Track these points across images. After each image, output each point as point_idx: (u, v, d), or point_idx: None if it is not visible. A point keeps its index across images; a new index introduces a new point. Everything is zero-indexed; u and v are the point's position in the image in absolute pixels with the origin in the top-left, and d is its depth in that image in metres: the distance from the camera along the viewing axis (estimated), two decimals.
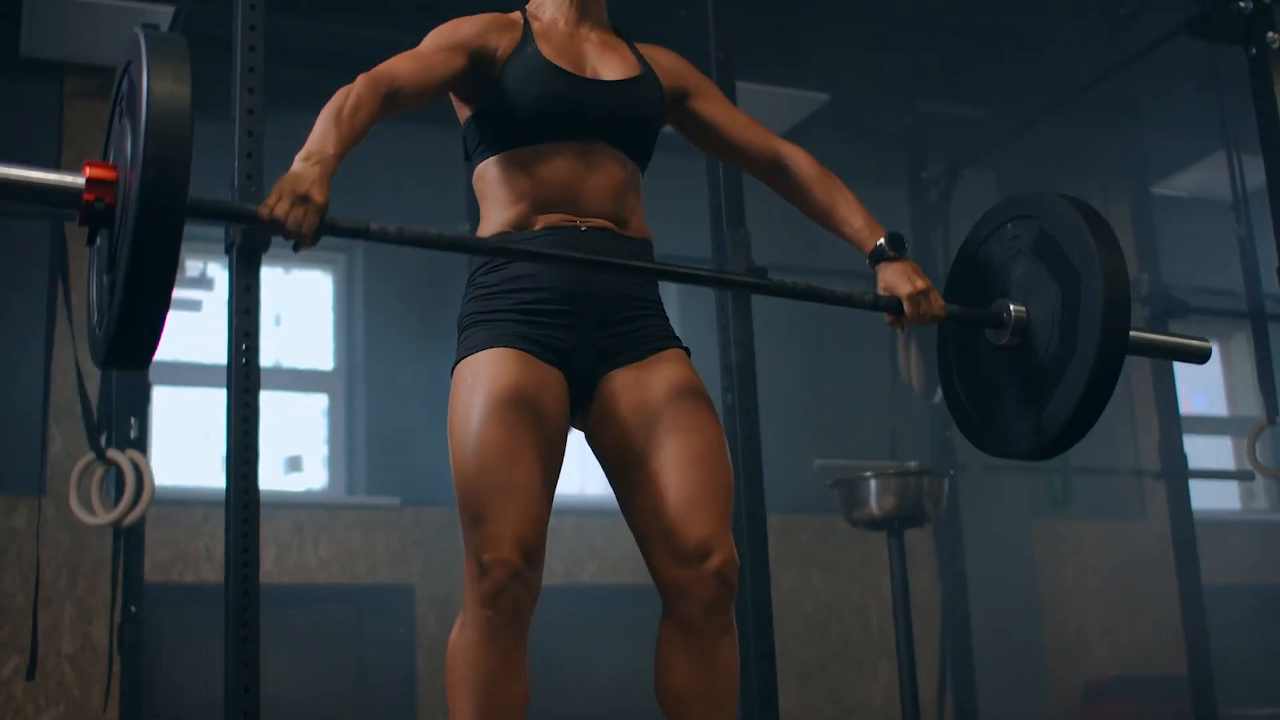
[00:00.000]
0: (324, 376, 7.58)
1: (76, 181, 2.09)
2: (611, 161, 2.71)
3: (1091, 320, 2.62)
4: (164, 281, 2.02)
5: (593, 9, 2.84)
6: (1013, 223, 2.86)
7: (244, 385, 3.76)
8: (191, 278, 7.45)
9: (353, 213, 2.27)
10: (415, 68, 2.65)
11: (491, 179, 2.73)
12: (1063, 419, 2.67)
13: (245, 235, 3.79)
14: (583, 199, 2.67)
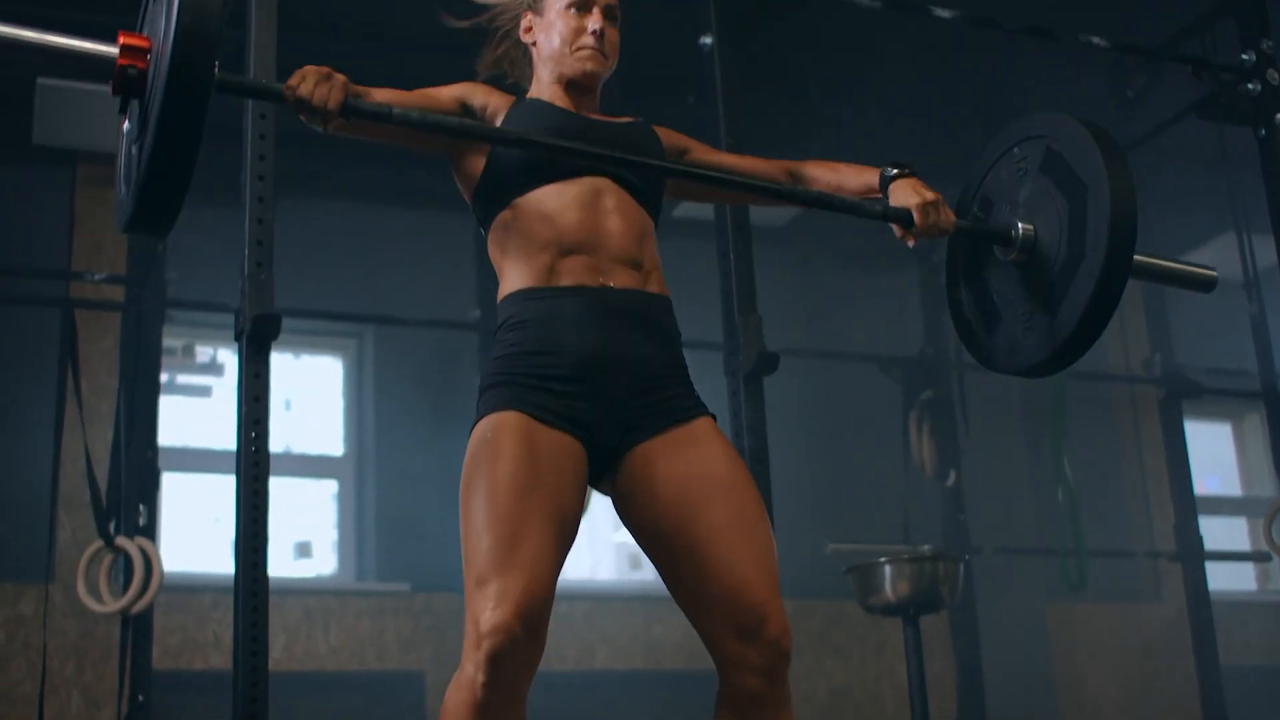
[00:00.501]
0: (334, 462, 7.55)
1: (111, 50, 2.18)
2: (625, 204, 2.68)
3: (1099, 227, 2.63)
4: (190, 145, 2.11)
5: (591, 96, 2.85)
6: (1019, 145, 2.90)
7: (253, 473, 3.74)
8: (201, 363, 7.45)
9: (363, 300, 2.25)
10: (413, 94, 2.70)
11: (507, 234, 2.68)
12: (1072, 325, 2.67)
13: (255, 322, 3.78)
14: (603, 241, 2.63)
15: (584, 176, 2.66)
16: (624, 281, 2.63)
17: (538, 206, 2.64)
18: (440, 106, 2.70)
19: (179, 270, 6.33)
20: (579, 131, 2.70)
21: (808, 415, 7.46)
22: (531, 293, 2.61)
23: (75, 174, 7.05)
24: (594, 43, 2.78)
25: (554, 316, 2.57)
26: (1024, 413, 8.45)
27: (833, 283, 8.14)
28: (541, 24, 2.85)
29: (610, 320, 2.59)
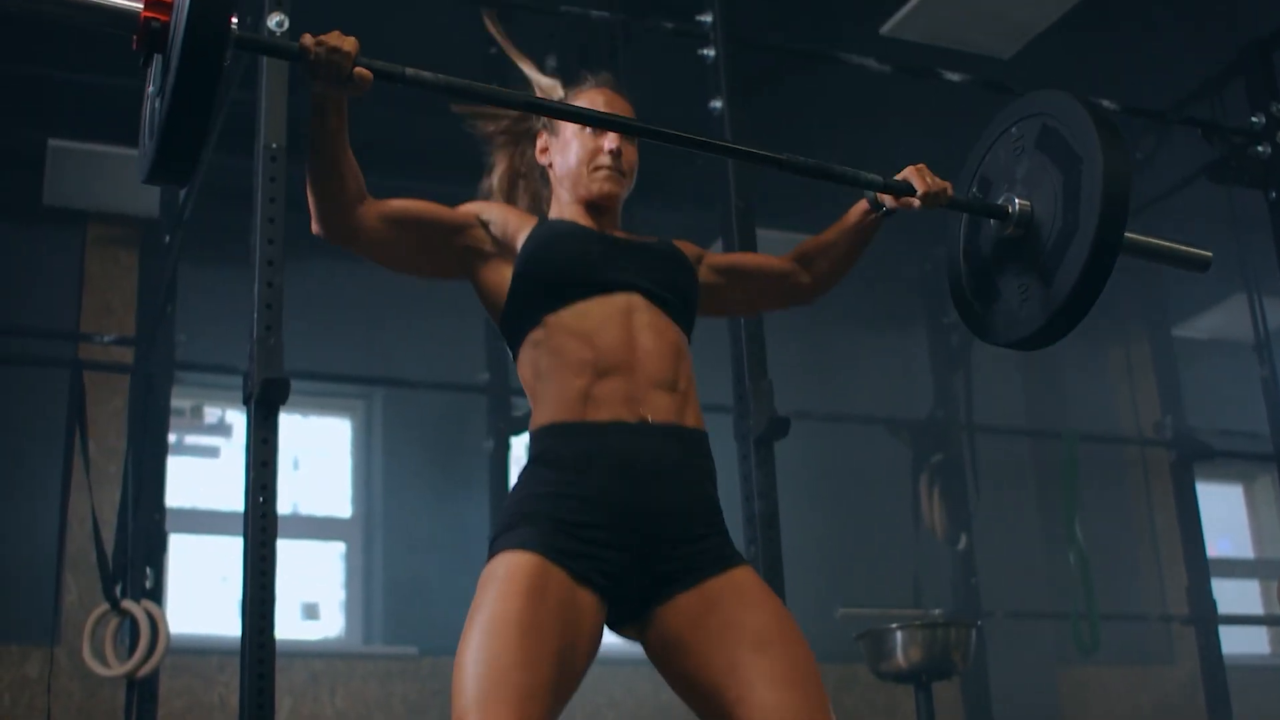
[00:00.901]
0: (342, 524, 7.52)
1: (135, 5, 2.27)
2: (656, 320, 2.60)
3: (1092, 197, 2.65)
4: (207, 95, 2.18)
5: (611, 217, 2.79)
6: (1017, 125, 2.92)
7: (261, 538, 3.71)
8: (210, 424, 7.44)
9: (372, 361, 2.24)
10: (397, 233, 2.65)
11: (540, 354, 2.59)
12: (1065, 293, 2.69)
13: (264, 386, 3.76)
14: (639, 361, 2.54)
15: (617, 293, 2.59)
16: (661, 411, 2.53)
17: (572, 324, 2.56)
18: (456, 220, 2.67)
19: (188, 331, 6.33)
20: (607, 249, 2.64)
21: (817, 478, 7.43)
22: (566, 429, 2.51)
23: (85, 234, 7.07)
24: (611, 162, 2.73)
25: (588, 458, 2.47)
26: (1035, 475, 8.42)
27: (841, 344, 8.13)
28: (557, 144, 2.80)
29: (647, 467, 2.48)
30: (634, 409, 2.51)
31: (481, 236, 2.68)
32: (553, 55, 5.88)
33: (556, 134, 2.81)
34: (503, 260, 2.66)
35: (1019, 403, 8.65)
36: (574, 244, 2.64)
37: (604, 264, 2.62)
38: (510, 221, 2.69)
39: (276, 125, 4.00)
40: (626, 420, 2.50)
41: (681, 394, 2.58)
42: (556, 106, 2.66)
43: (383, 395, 7.45)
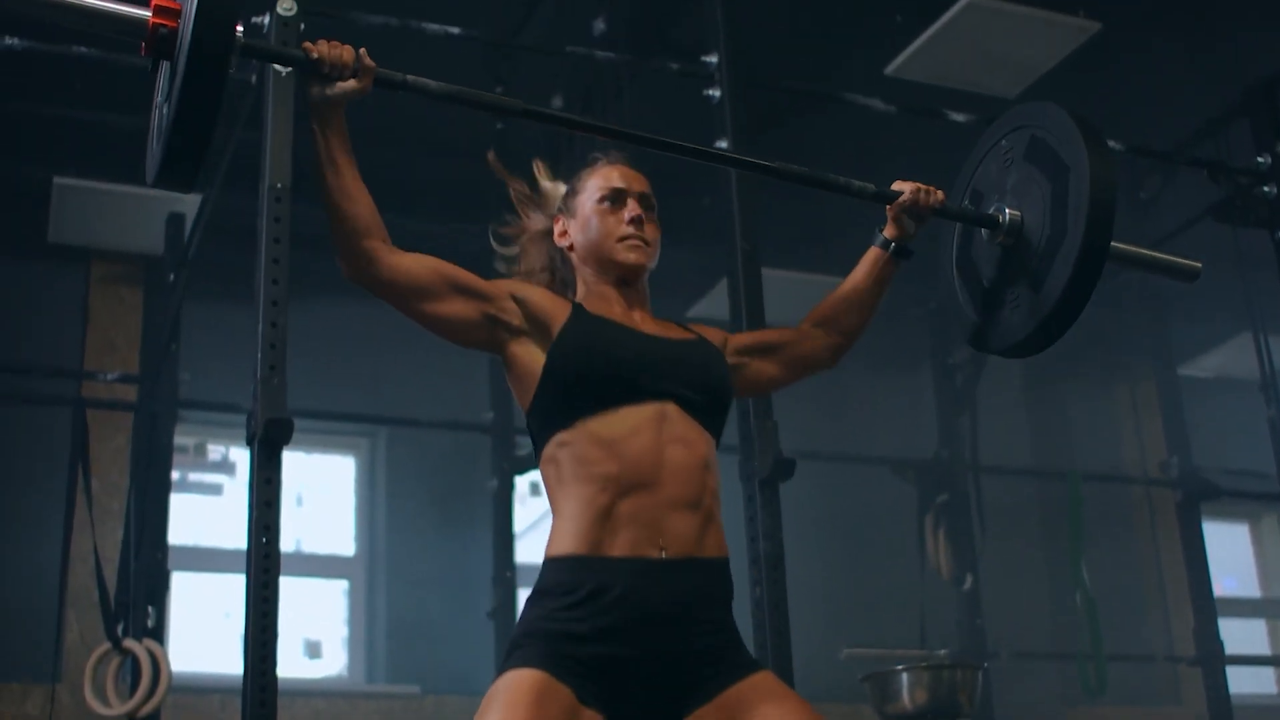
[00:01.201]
0: (345, 562, 7.50)
1: (143, 13, 2.32)
2: (687, 432, 2.54)
3: (1080, 203, 2.69)
4: (212, 101, 2.24)
5: (640, 298, 2.72)
6: (1006, 138, 2.98)
7: (264, 579, 3.70)
8: (213, 461, 7.43)
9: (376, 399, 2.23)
10: (420, 275, 2.56)
11: (564, 459, 2.52)
12: (1055, 298, 2.73)
13: (267, 427, 3.75)
14: (664, 478, 2.47)
15: (651, 400, 2.53)
16: (681, 539, 2.46)
17: (601, 432, 2.49)
18: (487, 289, 2.58)
19: (192, 369, 6.33)
20: (643, 351, 2.58)
21: (822, 517, 7.41)
22: (581, 564, 2.43)
23: (89, 272, 7.07)
24: (634, 231, 2.68)
25: (601, 596, 2.40)
26: (1040, 515, 8.40)
27: (846, 383, 8.10)
28: (576, 224, 2.75)
29: (661, 609, 2.42)
30: (653, 539, 2.44)
31: (513, 310, 2.58)
32: (558, 95, 5.90)
33: (574, 214, 2.75)
34: (534, 342, 2.58)
35: (1024, 443, 8.63)
36: (610, 346, 2.56)
37: (640, 369, 2.55)
38: (545, 304, 2.61)
39: (281, 165, 4.00)
40: (643, 556, 2.44)
41: (705, 513, 2.51)
42: (556, 115, 2.62)
43: (387, 433, 7.44)
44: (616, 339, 2.57)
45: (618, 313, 2.66)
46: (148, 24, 2.32)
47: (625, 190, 2.71)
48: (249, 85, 4.45)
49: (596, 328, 2.58)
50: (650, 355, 2.57)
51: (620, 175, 2.74)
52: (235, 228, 4.86)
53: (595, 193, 2.72)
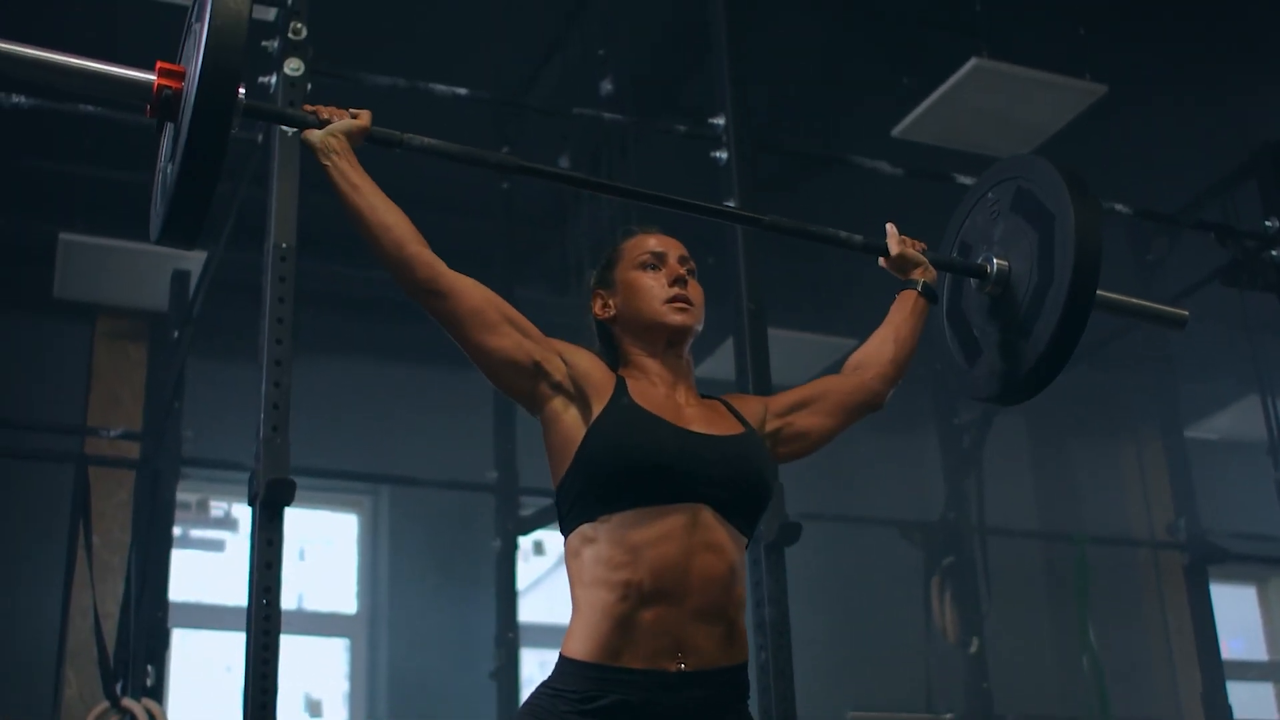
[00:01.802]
0: (347, 620, 7.47)
1: (148, 76, 2.40)
2: (719, 537, 2.45)
3: (1065, 250, 2.75)
4: (215, 160, 2.29)
5: (685, 371, 2.64)
6: (993, 190, 3.04)
7: (264, 641, 3.67)
8: (216, 518, 7.40)
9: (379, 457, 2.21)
10: (478, 302, 2.49)
11: (584, 558, 2.46)
12: (1044, 343, 2.78)
13: (269, 487, 3.73)
14: (690, 590, 2.39)
15: (684, 503, 2.43)
16: (704, 653, 2.40)
17: (627, 534, 2.42)
18: (538, 337, 2.52)
19: (195, 427, 6.31)
20: (683, 450, 2.47)
21: (828, 579, 7.37)
22: (597, 671, 2.38)
23: (94, 328, 7.07)
24: (679, 291, 2.61)
25: (617, 709, 2.35)
26: (1047, 578, 8.35)
27: (852, 444, 8.06)
28: (618, 295, 2.67)
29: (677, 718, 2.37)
30: (673, 651, 2.38)
31: (560, 368, 2.52)
32: (566, 155, 5.91)
33: (613, 285, 2.68)
34: (576, 409, 2.52)
35: (1031, 505, 8.60)
36: (648, 444, 2.46)
37: (677, 472, 2.45)
38: (593, 373, 2.55)
39: (286, 225, 3.99)
40: (662, 669, 2.37)
41: (729, 623, 2.44)
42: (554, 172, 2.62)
43: (389, 491, 7.42)
44: (656, 436, 2.47)
45: (661, 396, 2.57)
46: (153, 87, 2.38)
47: (664, 254, 2.66)
48: (255, 144, 4.44)
49: (636, 420, 2.49)
50: (689, 457, 2.47)
51: (658, 241, 2.68)
52: (241, 284, 4.86)
53: (635, 259, 2.66)
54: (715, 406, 2.64)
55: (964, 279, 3.04)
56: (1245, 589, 9.46)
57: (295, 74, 4.08)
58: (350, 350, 7.30)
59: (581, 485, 2.46)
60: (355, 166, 2.50)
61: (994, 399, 2.98)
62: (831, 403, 2.80)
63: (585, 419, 2.49)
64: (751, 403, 2.72)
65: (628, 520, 2.41)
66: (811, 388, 2.81)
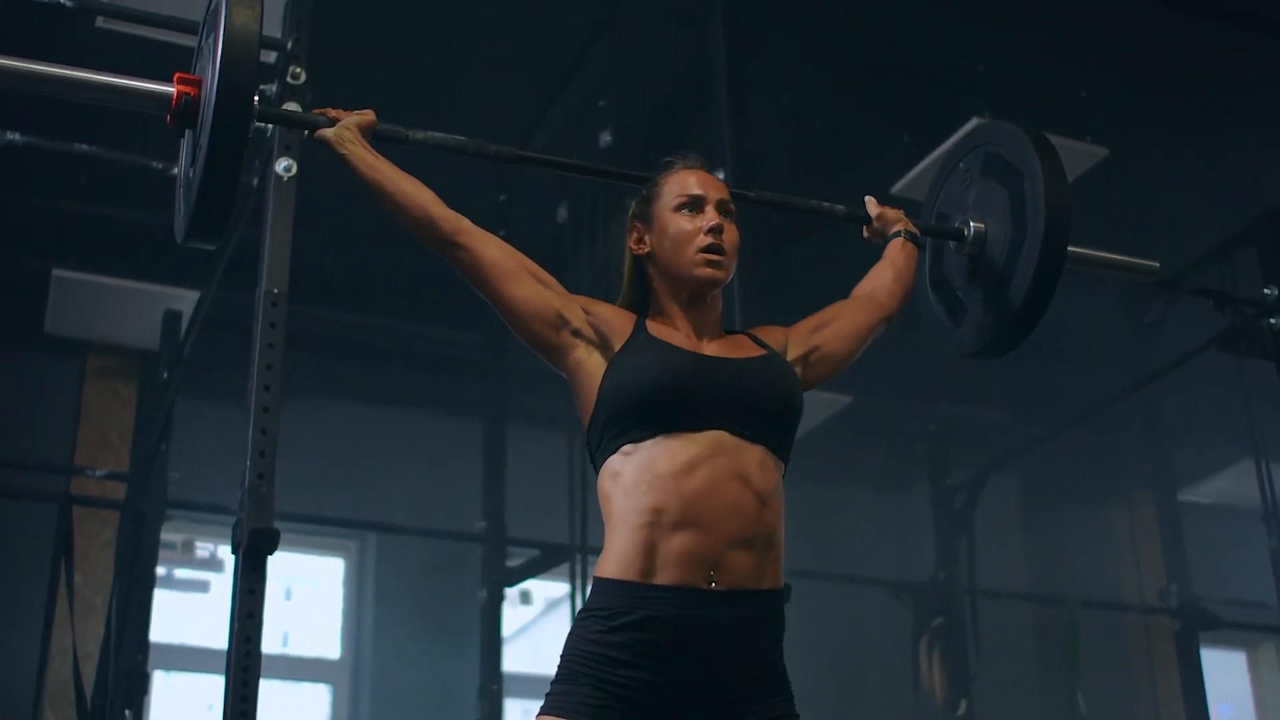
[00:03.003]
0: (330, 666, 7.41)
1: (168, 89, 2.56)
2: (745, 465, 2.45)
3: (1037, 202, 2.90)
4: (234, 162, 2.43)
5: (709, 313, 2.67)
6: (963, 160, 3.20)
7: (243, 693, 3.60)
8: (201, 559, 7.36)
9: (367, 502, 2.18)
10: (500, 253, 2.60)
11: (615, 489, 2.47)
12: (1025, 290, 2.92)
13: (253, 536, 3.68)
14: (718, 518, 2.40)
15: (707, 430, 2.46)
16: (736, 572, 2.41)
17: (651, 464, 2.44)
18: (561, 292, 2.61)
19: (181, 469, 6.26)
20: (700, 375, 2.51)
21: (817, 637, 7.29)
22: (627, 588, 2.40)
23: (85, 365, 7.03)
24: (713, 240, 2.61)
25: (646, 622, 2.37)
26: (1036, 641, 8.30)
27: (844, 503, 8.07)
28: (654, 232, 2.69)
29: (709, 637, 2.37)
30: (704, 572, 2.39)
31: (580, 316, 2.59)
32: (564, 206, 5.89)
33: (651, 221, 2.70)
34: (599, 353, 2.57)
35: (1022, 567, 8.56)
36: (665, 373, 2.49)
37: (694, 398, 2.48)
38: (612, 318, 2.61)
39: (279, 269, 3.94)
40: (693, 586, 2.38)
41: (762, 549, 2.44)
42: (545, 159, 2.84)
43: (376, 537, 7.37)
44: (674, 365, 2.51)
45: (681, 332, 2.62)
46: (172, 97, 2.54)
47: (703, 197, 2.66)
48: (250, 188, 4.41)
49: (655, 351, 2.54)
50: (709, 382, 2.50)
51: (698, 181, 2.69)
52: (232, 325, 4.83)
53: (673, 199, 2.67)
54: (738, 339, 2.69)
55: (943, 249, 3.20)
56: (1235, 654, 9.41)
57: (297, 82, 4.09)
58: (342, 394, 7.27)
59: (604, 420, 2.50)
60: (371, 150, 2.63)
61: (984, 352, 3.08)
62: (849, 323, 2.86)
63: (608, 358, 2.55)
64: (774, 331, 2.75)
65: (651, 451, 2.45)
66: (827, 311, 2.88)
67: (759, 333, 2.72)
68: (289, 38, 4.20)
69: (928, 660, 7.04)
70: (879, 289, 2.98)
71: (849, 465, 7.86)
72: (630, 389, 2.48)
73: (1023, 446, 7.55)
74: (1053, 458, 7.90)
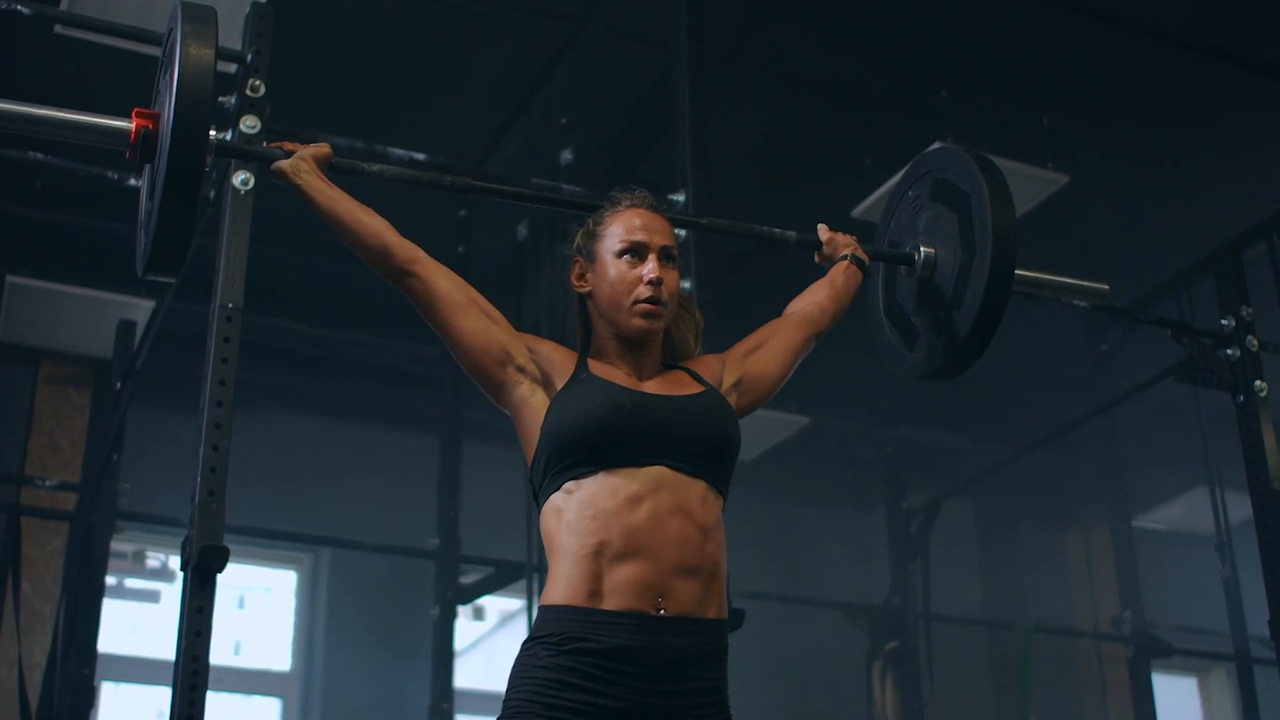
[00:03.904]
0: (280, 679, 7.35)
1: (125, 124, 2.60)
2: (688, 500, 2.48)
3: (984, 221, 2.96)
4: (192, 192, 2.48)
5: (649, 352, 2.67)
6: (912, 188, 3.25)
7: (189, 713, 3.56)
8: (153, 569, 7.30)
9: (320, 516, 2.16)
10: (451, 285, 2.62)
11: (558, 525, 2.50)
12: (975, 309, 2.95)
13: (202, 554, 3.63)
14: (661, 549, 2.43)
15: (648, 466, 2.48)
16: (683, 600, 2.43)
17: (593, 500, 2.46)
18: (507, 328, 2.63)
19: (133, 479, 6.19)
20: (639, 414, 2.52)
21: (770, 659, 7.30)
22: (575, 613, 2.41)
23: (38, 372, 6.96)
24: (651, 293, 2.60)
25: (597, 648, 2.38)
26: (990, 666, 8.31)
27: (799, 523, 8.07)
28: (594, 272, 2.69)
29: (655, 663, 2.39)
30: (652, 599, 2.41)
31: (525, 353, 2.61)
32: (524, 224, 5.87)
33: (593, 260, 2.69)
34: (542, 391, 2.59)
35: (977, 592, 8.57)
36: (605, 411, 2.50)
37: (634, 435, 2.50)
38: (555, 356, 2.63)
39: (234, 284, 3.89)
40: (641, 611, 2.40)
41: (706, 579, 2.46)
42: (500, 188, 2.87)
43: (330, 551, 7.32)
44: (615, 403, 2.52)
45: (622, 370, 2.64)
46: (130, 132, 2.58)
47: (647, 244, 2.64)
48: (208, 200, 4.38)
49: (596, 389, 2.55)
50: (649, 419, 2.52)
51: (643, 225, 2.67)
52: (186, 335, 4.79)
53: (616, 243, 2.65)
54: (677, 375, 2.70)
55: (896, 277, 3.26)
56: (1186, 679, 9.44)
57: (252, 131, 4.02)
58: (298, 407, 7.23)
59: (547, 457, 2.52)
60: (326, 181, 2.66)
61: (935, 375, 3.13)
62: (781, 342, 2.89)
63: (550, 397, 2.58)
64: (709, 361, 2.78)
65: (594, 488, 2.47)
66: (760, 333, 2.90)
67: (696, 366, 2.74)
68: (249, 50, 4.16)
69: (881, 684, 7.03)
70: (811, 305, 3.01)
71: (806, 487, 7.86)
72: (572, 427, 2.50)
73: (979, 471, 7.56)
74: (1009, 482, 7.92)
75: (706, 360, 2.77)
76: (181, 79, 2.46)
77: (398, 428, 7.29)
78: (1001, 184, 3.00)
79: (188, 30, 2.54)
